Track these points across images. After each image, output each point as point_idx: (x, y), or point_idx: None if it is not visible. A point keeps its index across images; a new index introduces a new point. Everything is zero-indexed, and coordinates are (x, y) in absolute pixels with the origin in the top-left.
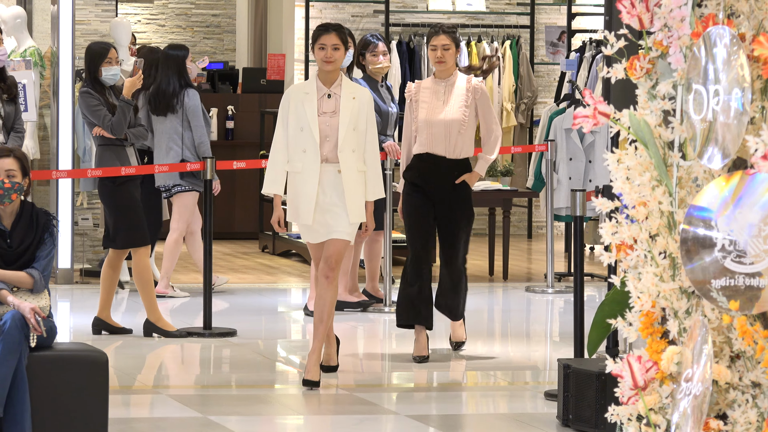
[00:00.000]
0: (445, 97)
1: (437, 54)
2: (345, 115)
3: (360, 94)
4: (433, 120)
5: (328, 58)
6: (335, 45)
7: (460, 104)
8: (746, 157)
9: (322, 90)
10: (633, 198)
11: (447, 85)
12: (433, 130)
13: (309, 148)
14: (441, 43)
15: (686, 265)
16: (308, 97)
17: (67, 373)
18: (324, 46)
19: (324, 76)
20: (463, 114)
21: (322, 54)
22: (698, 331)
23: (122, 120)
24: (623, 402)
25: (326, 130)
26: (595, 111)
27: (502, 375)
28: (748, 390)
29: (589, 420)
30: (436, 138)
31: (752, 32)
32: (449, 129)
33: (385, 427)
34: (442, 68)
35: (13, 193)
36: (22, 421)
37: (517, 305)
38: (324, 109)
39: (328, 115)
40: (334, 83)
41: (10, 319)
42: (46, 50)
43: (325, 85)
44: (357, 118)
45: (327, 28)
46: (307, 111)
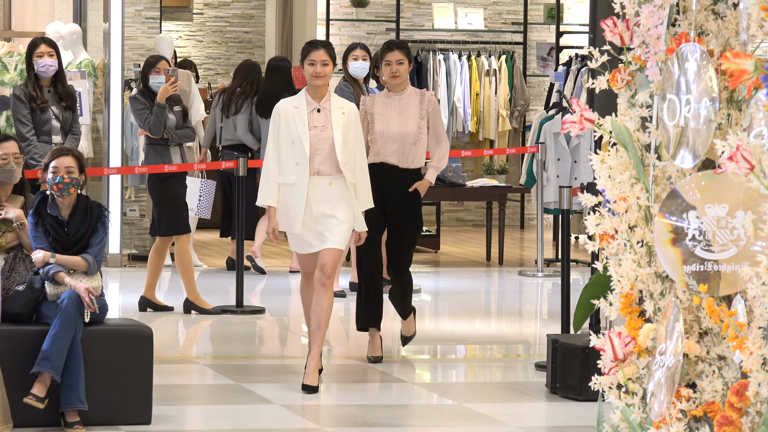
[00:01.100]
0: (400, 109)
1: (392, 69)
2: (338, 129)
3: (348, 108)
4: (389, 132)
5: (318, 73)
6: (324, 61)
7: (415, 116)
8: (714, 158)
9: (311, 105)
10: (614, 194)
11: (401, 98)
12: (388, 141)
13: (301, 161)
14: (395, 58)
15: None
16: (298, 111)
17: (116, 345)
18: (314, 62)
19: (313, 91)
20: (417, 126)
21: (312, 69)
22: (671, 311)
23: (158, 122)
24: (605, 372)
25: (317, 143)
26: (581, 117)
27: (497, 348)
28: (715, 362)
29: (575, 388)
30: (390, 149)
31: (720, 49)
32: (404, 140)
33: (395, 391)
34: (397, 82)
35: (71, 187)
36: (77, 387)
37: (511, 287)
38: (314, 123)
39: (318, 129)
40: (323, 98)
41: (67, 298)
42: (99, 62)
43: (314, 100)
44: (347, 132)
45: (316, 45)
46: (298, 125)
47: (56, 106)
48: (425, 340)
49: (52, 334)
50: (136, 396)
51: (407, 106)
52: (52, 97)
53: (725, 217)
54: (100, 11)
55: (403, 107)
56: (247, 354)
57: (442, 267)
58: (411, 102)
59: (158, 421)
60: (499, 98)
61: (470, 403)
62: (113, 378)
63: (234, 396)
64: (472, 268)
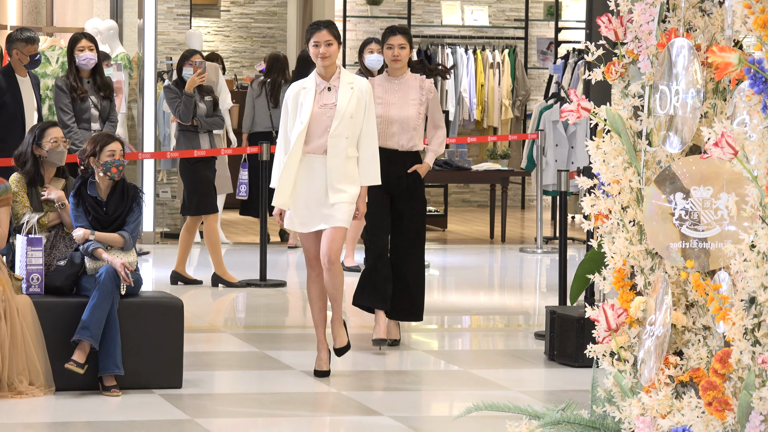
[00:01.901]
0: (399, 94)
1: (394, 52)
2: (342, 103)
3: (358, 84)
4: (390, 116)
5: (323, 54)
6: (328, 41)
7: (415, 101)
8: (701, 144)
9: (322, 84)
10: (608, 177)
11: (400, 83)
12: (389, 125)
13: (302, 139)
14: (397, 42)
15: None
16: (306, 91)
17: (150, 315)
18: (318, 44)
19: (322, 71)
20: (417, 111)
21: (316, 51)
22: (660, 285)
23: (186, 110)
24: (599, 341)
25: (326, 120)
26: (578, 106)
27: (500, 319)
28: (700, 332)
29: (571, 356)
30: (391, 133)
31: (706, 43)
32: (404, 124)
33: (406, 358)
34: (398, 66)
35: (122, 168)
36: (114, 354)
37: (512, 263)
38: (324, 101)
39: (328, 107)
40: (332, 76)
41: (104, 272)
42: (134, 56)
43: (324, 80)
44: (355, 106)
45: (319, 26)
46: (305, 104)
47: (95, 95)
48: (434, 311)
49: (91, 306)
50: (168, 362)
51: (407, 90)
52: (91, 87)
53: (710, 199)
54: (135, 8)
55: (403, 92)
56: (270, 324)
57: (449, 244)
58: (411, 87)
59: (188, 385)
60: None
61: (475, 369)
62: (147, 346)
63: (258, 362)
64: (476, 245)
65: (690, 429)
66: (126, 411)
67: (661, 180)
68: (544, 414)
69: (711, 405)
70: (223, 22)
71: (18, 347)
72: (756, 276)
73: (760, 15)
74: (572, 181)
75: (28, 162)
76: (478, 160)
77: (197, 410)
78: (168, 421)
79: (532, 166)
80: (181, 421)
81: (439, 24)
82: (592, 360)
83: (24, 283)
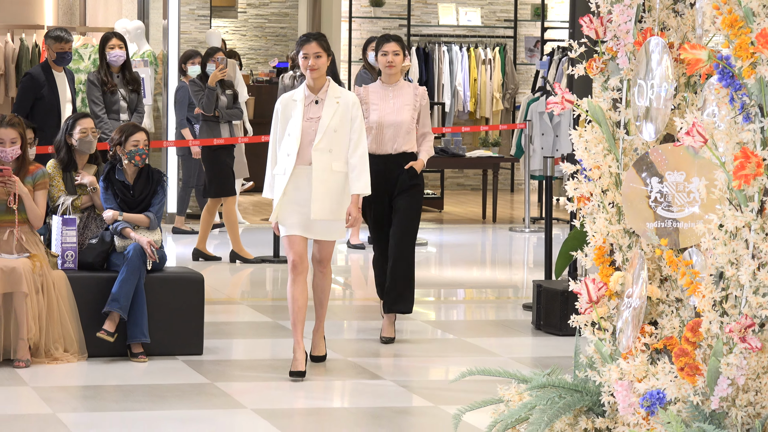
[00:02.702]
0: (394, 100)
1: (388, 59)
2: (326, 117)
3: (345, 98)
4: (385, 122)
5: (312, 66)
6: (317, 53)
7: (409, 107)
8: (674, 133)
9: (310, 97)
10: (590, 163)
11: (394, 89)
12: (384, 130)
13: (291, 153)
14: (392, 49)
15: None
16: (296, 104)
17: (173, 289)
18: (307, 56)
19: (311, 83)
20: (411, 116)
21: (305, 63)
22: (637, 261)
23: (208, 102)
24: (581, 312)
25: (311, 134)
26: (563, 99)
27: (491, 291)
28: (673, 304)
29: (556, 325)
30: (386, 138)
31: (679, 41)
32: (398, 130)
33: (405, 326)
34: (392, 72)
35: (146, 156)
36: (141, 324)
37: (503, 241)
38: (311, 114)
39: (314, 120)
40: (321, 89)
41: (132, 250)
42: (159, 53)
43: (313, 93)
44: (339, 120)
45: (308, 38)
46: (294, 117)
47: (124, 89)
48: (431, 285)
49: (120, 280)
50: (190, 331)
51: (401, 96)
52: (120, 81)
53: (683, 183)
54: (160, 10)
55: (397, 97)
56: (282, 296)
57: (445, 224)
58: (404, 93)
59: (208, 351)
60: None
61: (468, 337)
62: (171, 316)
63: (271, 331)
64: (470, 225)
65: (664, 392)
66: (152, 375)
67: (638, 166)
68: (531, 378)
69: (683, 370)
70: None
71: (54, 318)
72: (724, 253)
73: (727, 16)
74: (557, 167)
75: (62, 150)
76: (472, 147)
77: (217, 375)
78: (190, 385)
79: (521, 153)
80: (202, 384)
81: (436, 24)
82: (575, 329)
83: (59, 259)
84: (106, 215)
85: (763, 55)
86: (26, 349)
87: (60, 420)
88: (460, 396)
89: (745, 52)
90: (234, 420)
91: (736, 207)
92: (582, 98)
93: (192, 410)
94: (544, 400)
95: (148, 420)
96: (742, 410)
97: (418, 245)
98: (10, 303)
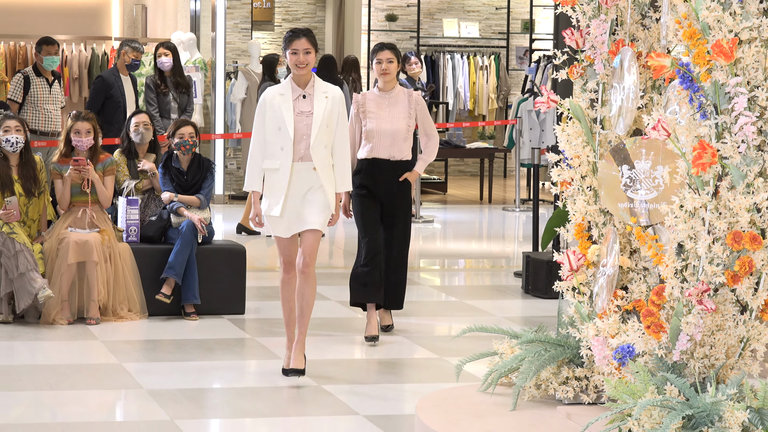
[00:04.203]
0: (390, 107)
1: (383, 66)
2: (318, 113)
3: (332, 93)
4: (382, 129)
5: (300, 62)
6: (306, 49)
7: (404, 114)
8: (642, 127)
9: (297, 91)
10: (571, 153)
11: (390, 96)
12: (381, 137)
13: (285, 146)
14: (386, 57)
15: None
16: (284, 98)
17: (220, 258)
18: (296, 51)
19: (298, 79)
20: (407, 123)
21: (295, 58)
22: (610, 236)
23: None
24: (563, 279)
25: (303, 129)
26: (548, 99)
27: (487, 261)
28: (641, 272)
29: (542, 289)
30: (383, 144)
31: (646, 51)
32: (395, 136)
33: (415, 292)
34: (387, 80)
35: (193, 147)
36: (193, 288)
37: (497, 219)
38: (300, 108)
39: (304, 114)
40: (307, 85)
41: (185, 225)
42: (208, 60)
43: (299, 87)
44: (330, 115)
45: (298, 34)
46: (284, 111)
47: (174, 91)
48: (436, 255)
49: (175, 251)
50: (234, 294)
51: (397, 104)
52: (171, 84)
53: (649, 170)
54: (209, 23)
55: (393, 105)
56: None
57: (449, 204)
58: (400, 100)
59: (249, 311)
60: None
61: (468, 299)
62: (218, 281)
63: None
64: (469, 205)
65: (633, 346)
66: (202, 331)
67: (612, 155)
68: (521, 335)
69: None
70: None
71: (120, 282)
72: (684, 229)
73: (687, 29)
74: (543, 156)
75: (125, 141)
76: (471, 140)
77: (257, 331)
78: (233, 339)
79: (512, 145)
80: (244, 339)
81: (441, 36)
82: (558, 293)
83: (124, 233)
84: (163, 196)
85: (717, 62)
86: (96, 309)
87: (125, 368)
88: (461, 349)
89: (702, 60)
90: (270, 368)
91: (695, 190)
92: (564, 98)
93: (235, 360)
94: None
95: (199, 368)
96: (699, 362)
97: (425, 222)
98: (83, 270)
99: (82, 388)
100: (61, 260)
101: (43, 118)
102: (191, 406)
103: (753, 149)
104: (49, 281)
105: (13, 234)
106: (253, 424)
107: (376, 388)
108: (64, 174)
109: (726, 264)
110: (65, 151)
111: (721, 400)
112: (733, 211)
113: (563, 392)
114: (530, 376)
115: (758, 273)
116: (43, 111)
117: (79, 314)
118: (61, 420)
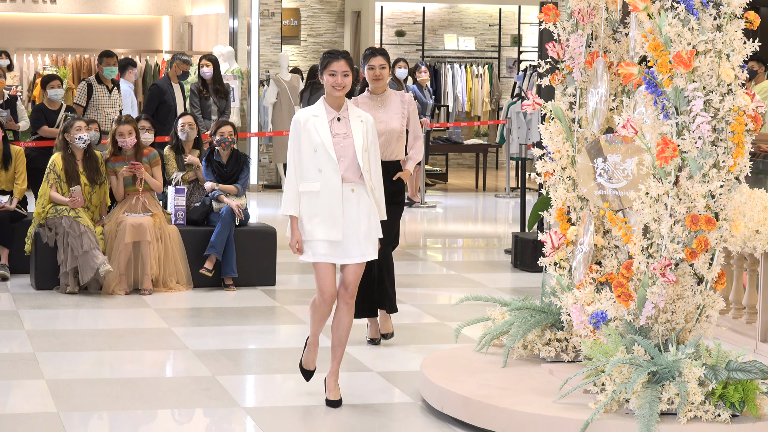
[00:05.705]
0: (384, 109)
1: (375, 72)
2: (358, 137)
3: (365, 117)
4: (377, 130)
5: (339, 84)
6: (345, 72)
7: (397, 114)
8: (613, 126)
9: (331, 113)
10: (553, 148)
11: (382, 99)
12: None
13: (325, 168)
14: (378, 63)
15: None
16: (319, 120)
17: (255, 238)
18: (334, 73)
19: (332, 101)
20: (401, 123)
21: (333, 80)
22: (587, 219)
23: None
24: (547, 255)
25: (340, 150)
26: (534, 102)
27: (482, 240)
28: (613, 249)
29: (529, 264)
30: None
31: (617, 60)
32: (389, 137)
33: (418, 266)
34: (379, 84)
35: (232, 144)
36: (232, 263)
37: (490, 204)
38: (336, 131)
39: (341, 136)
40: (341, 107)
41: (225, 210)
42: (244, 70)
43: (333, 109)
44: (367, 140)
45: (337, 56)
46: (321, 133)
47: (214, 97)
48: (438, 235)
49: (216, 232)
50: (266, 268)
51: (389, 105)
52: (212, 90)
53: (620, 162)
54: (245, 37)
55: (386, 107)
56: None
57: (449, 192)
58: (392, 101)
59: (279, 283)
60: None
61: (465, 273)
62: (253, 257)
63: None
64: (467, 193)
65: (606, 313)
66: (239, 300)
67: (588, 150)
68: (511, 303)
69: (620, 297)
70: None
71: (169, 259)
72: (649, 213)
73: (652, 42)
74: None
75: (174, 139)
76: (468, 137)
77: (286, 300)
78: (266, 307)
79: (503, 141)
80: (275, 307)
81: (443, 48)
82: (542, 267)
83: (173, 217)
84: (206, 185)
85: (677, 70)
86: (149, 281)
87: (173, 332)
88: (460, 315)
89: (665, 68)
90: (297, 331)
91: (658, 180)
92: (547, 101)
93: (267, 325)
94: (520, 318)
95: (236, 332)
96: (662, 326)
97: (429, 207)
98: (138, 249)
99: (137, 349)
100: (119, 240)
101: (103, 119)
102: (229, 364)
103: (708, 144)
104: (109, 258)
105: (78, 218)
106: (283, 379)
107: (387, 348)
108: (118, 170)
109: (685, 242)
110: (113, 150)
111: (681, 358)
112: (691, 198)
113: (546, 352)
114: (518, 338)
115: (712, 250)
116: (103, 114)
117: (135, 286)
118: (119, 376)
